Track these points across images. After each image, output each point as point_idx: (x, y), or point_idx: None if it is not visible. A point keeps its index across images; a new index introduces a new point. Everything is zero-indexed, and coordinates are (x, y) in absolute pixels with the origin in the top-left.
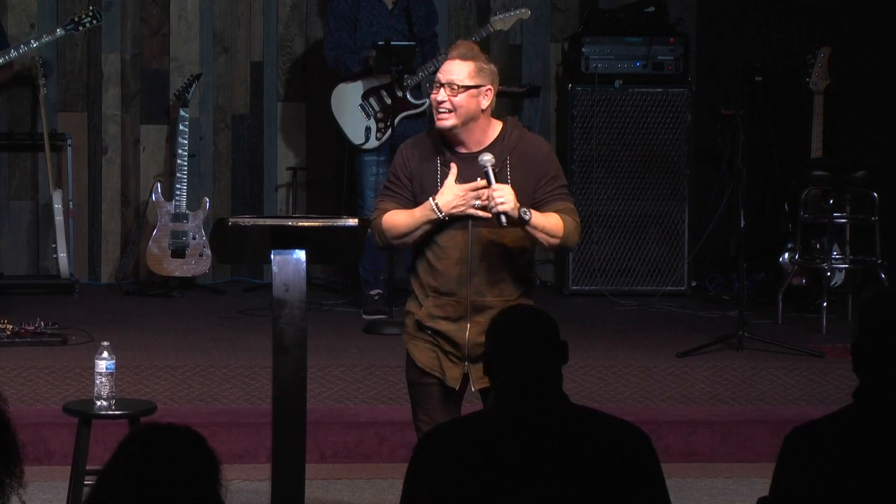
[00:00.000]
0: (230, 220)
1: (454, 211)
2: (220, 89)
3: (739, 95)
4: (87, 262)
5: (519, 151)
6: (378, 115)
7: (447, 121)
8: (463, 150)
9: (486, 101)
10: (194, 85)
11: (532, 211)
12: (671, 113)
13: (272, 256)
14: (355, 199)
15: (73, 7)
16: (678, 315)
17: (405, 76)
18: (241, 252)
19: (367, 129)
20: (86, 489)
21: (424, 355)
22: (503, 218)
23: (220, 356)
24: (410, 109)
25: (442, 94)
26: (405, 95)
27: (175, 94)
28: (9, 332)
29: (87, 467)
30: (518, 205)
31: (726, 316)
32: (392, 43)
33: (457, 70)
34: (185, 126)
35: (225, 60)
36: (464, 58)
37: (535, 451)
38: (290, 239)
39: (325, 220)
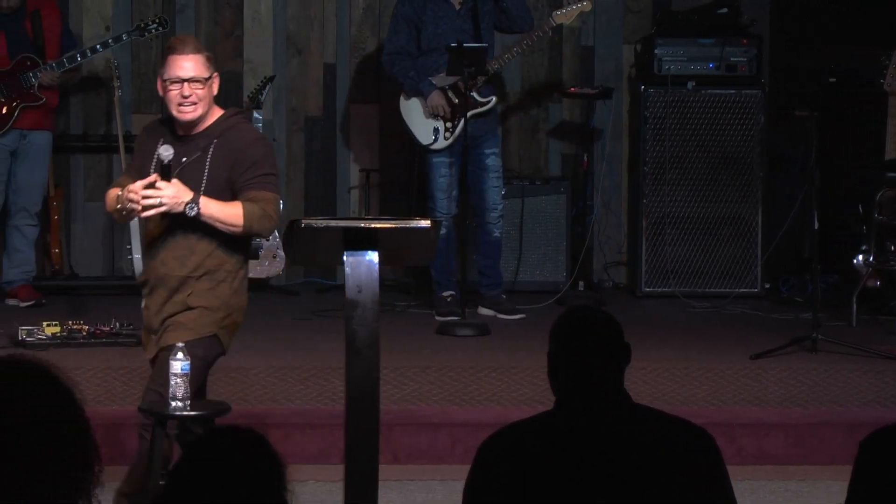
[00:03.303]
0: (303, 221)
1: (123, 207)
2: (293, 91)
3: (812, 97)
4: None
5: (225, 138)
6: (447, 115)
7: (193, 113)
8: (182, 132)
9: (215, 89)
10: (267, 87)
11: (207, 202)
12: (744, 114)
13: (345, 258)
14: (425, 200)
15: (147, 10)
16: (751, 317)
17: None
18: (314, 254)
19: (436, 130)
20: (160, 489)
21: (143, 330)
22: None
23: (294, 357)
24: (478, 108)
25: (187, 90)
26: (472, 94)
27: (248, 96)
28: (84, 333)
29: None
30: (184, 200)
31: (800, 318)
32: (465, 45)
33: (192, 65)
34: (258, 128)
35: (298, 62)
36: (197, 51)
37: (599, 452)
38: (362, 240)
39: (398, 222)
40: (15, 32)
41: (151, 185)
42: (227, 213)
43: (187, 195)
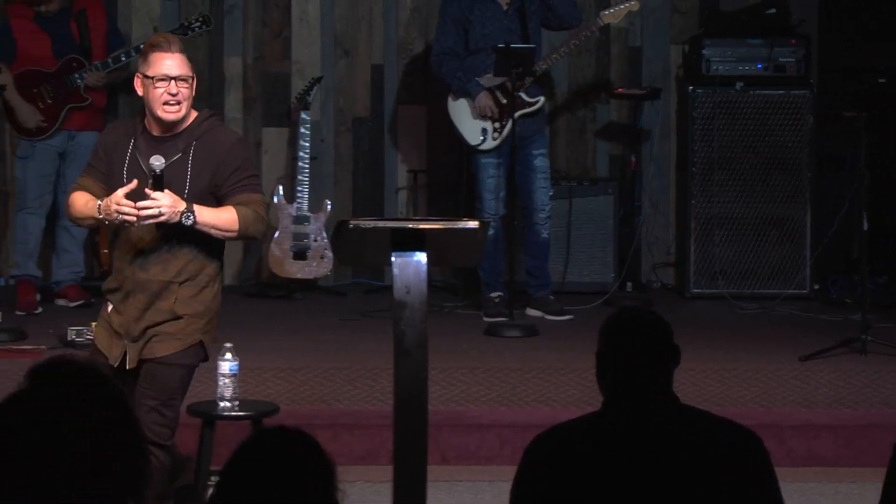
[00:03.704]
0: (351, 222)
1: (108, 217)
2: (341, 92)
3: (861, 97)
4: None
5: (204, 140)
6: (495, 115)
7: (178, 113)
8: (157, 134)
9: (194, 90)
10: (315, 88)
11: (201, 209)
12: (792, 115)
13: (393, 259)
14: (473, 201)
15: (195, 11)
16: (800, 318)
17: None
18: (362, 254)
19: (484, 130)
20: (209, 490)
21: (100, 332)
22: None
23: (342, 358)
24: (526, 108)
25: (174, 88)
26: (520, 94)
27: (296, 96)
28: None
29: (211, 468)
30: (180, 210)
31: (849, 319)
32: (512, 46)
33: (179, 64)
34: (306, 129)
35: (345, 63)
36: (182, 51)
37: (646, 453)
38: (410, 241)
39: (446, 223)
40: (60, 34)
41: (134, 193)
42: (222, 219)
43: (182, 204)
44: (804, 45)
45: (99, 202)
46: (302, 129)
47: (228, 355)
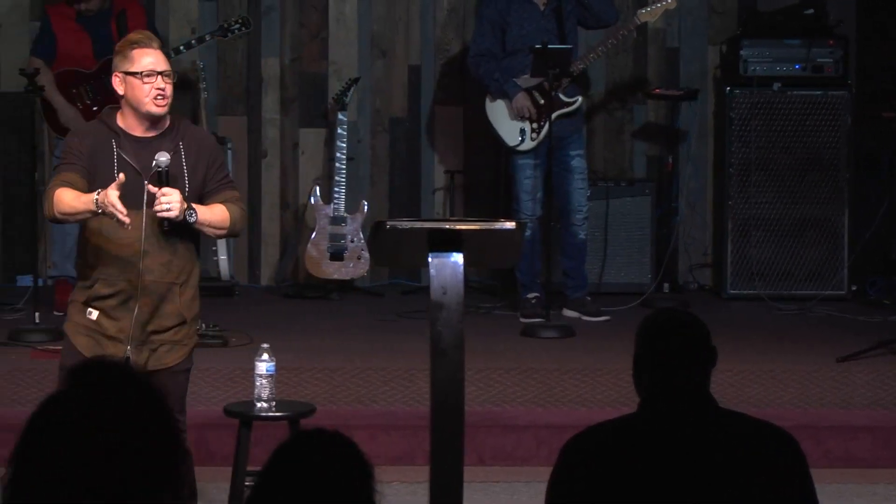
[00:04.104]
0: (388, 223)
1: (105, 210)
2: (378, 93)
3: None
4: (246, 265)
5: (190, 138)
6: (533, 116)
7: (166, 108)
8: (137, 133)
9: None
10: (352, 88)
11: (198, 207)
12: (830, 116)
13: (430, 259)
14: (510, 202)
15: (233, 13)
16: (838, 319)
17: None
18: (399, 255)
19: (522, 131)
20: (246, 491)
21: (83, 340)
22: (165, 223)
23: (379, 359)
24: (564, 108)
25: (161, 82)
26: (558, 94)
27: (333, 97)
28: None
29: (248, 468)
30: (184, 206)
31: (887, 320)
32: (549, 46)
33: (161, 59)
34: (343, 129)
35: (383, 64)
36: (160, 47)
37: (683, 454)
38: (447, 242)
39: (483, 224)
40: (100, 34)
41: (125, 189)
42: (216, 216)
43: (184, 202)
44: (842, 46)
45: (95, 195)
46: (339, 130)
47: (265, 356)
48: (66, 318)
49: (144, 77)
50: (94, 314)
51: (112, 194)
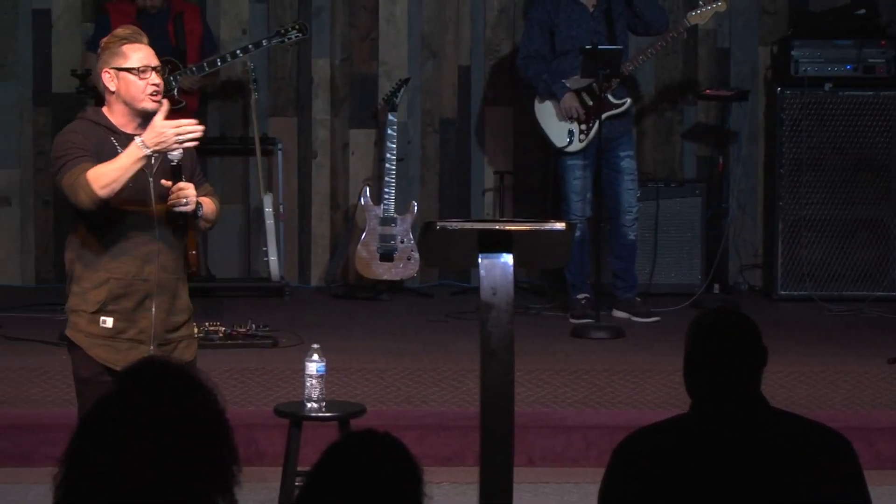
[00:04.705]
0: (438, 223)
1: (159, 147)
2: (428, 93)
3: None
4: (296, 266)
5: None
6: (581, 117)
7: (159, 103)
8: (129, 130)
9: None
10: (402, 89)
11: (202, 200)
12: (882, 116)
13: (479, 260)
14: (559, 202)
15: (283, 14)
16: (889, 320)
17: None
18: (449, 256)
19: (570, 132)
20: (296, 491)
21: (101, 351)
22: (181, 217)
23: (429, 359)
24: (612, 109)
25: (155, 78)
26: (607, 96)
27: (383, 98)
28: (221, 335)
29: (298, 468)
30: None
31: None
32: (599, 47)
33: (151, 54)
34: (393, 130)
35: (433, 65)
36: (148, 42)
37: (734, 455)
38: (497, 243)
39: (532, 224)
40: (157, 34)
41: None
42: (212, 209)
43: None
44: (893, 46)
45: (138, 140)
46: (389, 131)
47: (315, 356)
48: (69, 326)
49: (140, 73)
50: (109, 321)
51: (162, 123)
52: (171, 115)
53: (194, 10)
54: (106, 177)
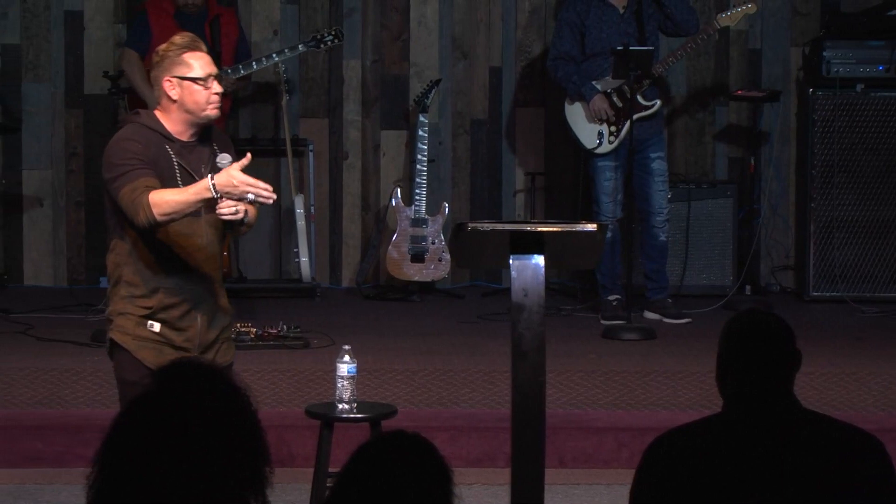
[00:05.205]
0: (469, 225)
1: (231, 195)
2: (459, 94)
3: None
4: (327, 267)
5: (217, 137)
6: (610, 118)
7: (218, 111)
8: (184, 139)
9: None
10: (433, 90)
11: (245, 207)
12: None
13: (511, 261)
14: (591, 204)
15: (315, 16)
16: None
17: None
18: (480, 257)
19: (600, 134)
20: (327, 491)
21: (148, 354)
22: (233, 226)
23: (460, 360)
24: (642, 111)
25: (216, 87)
26: (637, 97)
27: (415, 99)
28: (252, 336)
29: (329, 470)
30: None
31: None
32: (631, 48)
33: (211, 62)
34: (424, 131)
35: (464, 66)
36: (206, 50)
37: (766, 456)
38: (528, 244)
39: (564, 226)
40: (195, 35)
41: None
42: (254, 214)
43: None
44: None
45: (209, 181)
46: (420, 132)
47: (347, 357)
48: (114, 328)
49: (204, 82)
50: (157, 326)
51: (239, 175)
52: None
53: (231, 14)
54: (168, 206)
